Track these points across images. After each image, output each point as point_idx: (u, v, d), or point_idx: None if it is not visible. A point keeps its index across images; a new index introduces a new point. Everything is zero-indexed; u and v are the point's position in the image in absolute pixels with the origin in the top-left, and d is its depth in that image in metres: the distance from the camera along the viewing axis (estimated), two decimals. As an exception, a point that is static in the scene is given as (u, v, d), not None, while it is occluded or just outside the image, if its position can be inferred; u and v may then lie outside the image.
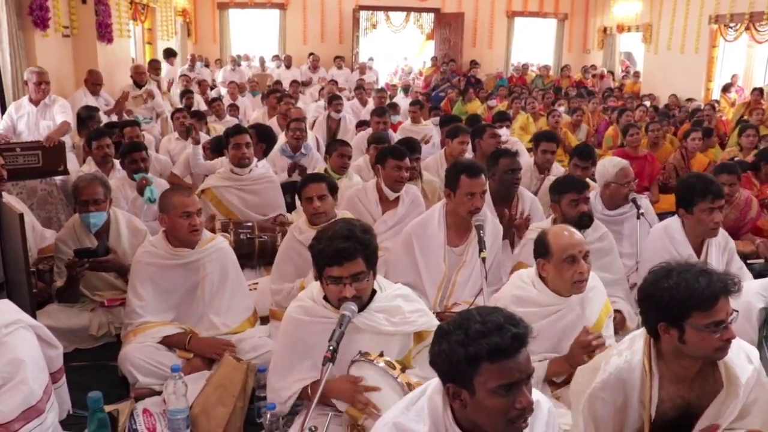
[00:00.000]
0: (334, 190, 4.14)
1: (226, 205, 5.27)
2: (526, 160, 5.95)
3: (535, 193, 5.25)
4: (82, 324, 4.08)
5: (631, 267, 4.40)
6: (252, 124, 6.54)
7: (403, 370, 2.57)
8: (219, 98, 10.00)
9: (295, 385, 2.86)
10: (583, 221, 4.00)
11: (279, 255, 4.22)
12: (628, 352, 2.41)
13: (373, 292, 2.83)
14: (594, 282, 3.19)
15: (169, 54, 13.50)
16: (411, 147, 5.47)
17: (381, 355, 2.60)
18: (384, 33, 19.43)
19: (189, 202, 3.65)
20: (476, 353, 1.82)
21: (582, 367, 2.61)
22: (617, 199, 4.66)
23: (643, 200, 4.91)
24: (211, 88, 13.34)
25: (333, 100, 9.08)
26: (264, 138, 5.95)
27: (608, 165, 4.70)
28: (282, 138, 6.99)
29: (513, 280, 3.32)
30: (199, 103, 10.52)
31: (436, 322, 2.77)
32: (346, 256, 2.64)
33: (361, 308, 2.74)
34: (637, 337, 2.45)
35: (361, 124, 8.61)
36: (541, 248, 3.10)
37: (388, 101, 10.56)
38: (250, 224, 5.06)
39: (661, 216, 5.09)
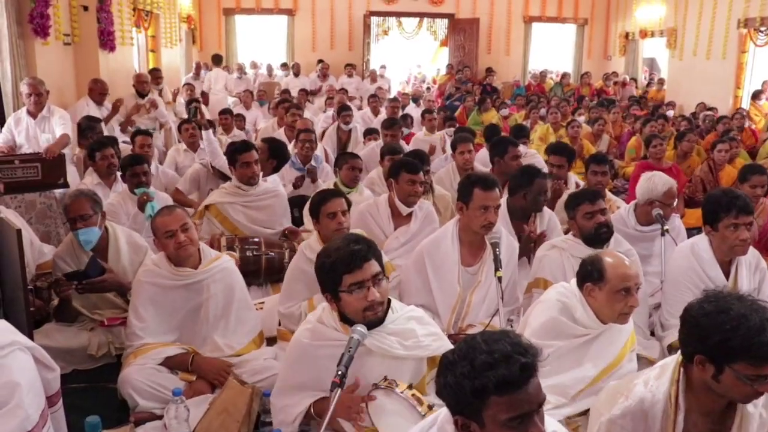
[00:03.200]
0: (349, 206, 4.17)
1: (231, 222, 5.26)
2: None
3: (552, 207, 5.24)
4: (81, 344, 4.08)
5: (657, 286, 4.38)
6: (265, 137, 6.46)
7: (430, 408, 2.54)
8: (229, 110, 10.03)
9: (304, 402, 2.86)
10: (601, 233, 3.94)
11: (288, 275, 4.19)
12: (654, 383, 2.39)
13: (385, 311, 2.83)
14: None
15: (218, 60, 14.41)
16: (420, 159, 5.46)
17: (410, 387, 2.59)
18: (396, 39, 19.49)
19: (169, 220, 3.66)
20: (483, 386, 1.79)
21: (606, 388, 2.61)
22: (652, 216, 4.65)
23: (675, 219, 4.88)
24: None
25: (342, 111, 9.12)
26: (276, 154, 5.86)
27: (658, 182, 4.64)
28: (290, 150, 7.01)
29: (557, 289, 3.31)
30: (204, 113, 10.53)
31: (451, 347, 2.75)
32: (363, 255, 2.69)
33: (372, 326, 2.74)
34: (667, 366, 2.42)
35: (369, 133, 8.61)
36: (594, 273, 3.06)
37: (401, 112, 10.58)
38: (257, 240, 5.06)
39: (688, 232, 5.06)
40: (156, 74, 10.60)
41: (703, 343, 2.21)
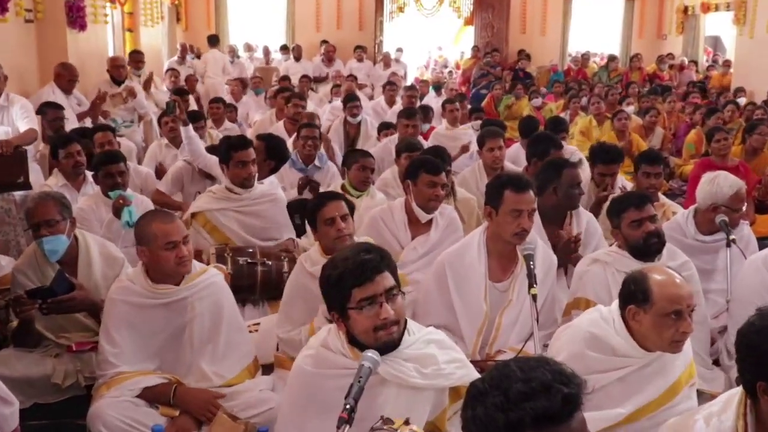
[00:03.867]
0: (351, 210, 4.17)
1: (222, 231, 5.26)
2: (588, 173, 5.88)
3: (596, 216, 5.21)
4: (44, 373, 4.06)
5: (722, 306, 4.34)
6: (261, 134, 6.42)
7: None
8: (220, 99, 10.04)
9: None
10: (651, 244, 3.91)
11: (286, 293, 4.20)
12: (716, 419, 2.36)
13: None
14: None
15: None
16: (440, 157, 5.45)
17: (407, 423, 2.58)
18: (413, 17, 19.51)
19: (172, 229, 3.64)
20: (519, 420, 1.75)
21: (662, 427, 2.59)
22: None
23: (744, 227, 4.84)
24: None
25: (348, 102, 9.14)
26: (274, 154, 5.81)
27: (723, 184, 4.59)
28: (288, 145, 6.99)
29: (591, 314, 3.28)
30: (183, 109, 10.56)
31: (477, 376, 2.74)
32: (375, 266, 2.68)
33: (386, 351, 2.73)
34: (732, 399, 2.39)
35: (385, 128, 8.63)
36: (638, 294, 3.01)
37: (419, 102, 10.57)
38: (251, 249, 5.08)
39: (760, 242, 5.01)
40: (137, 57, 10.61)
41: (761, 366, 2.20)
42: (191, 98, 11.05)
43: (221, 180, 5.61)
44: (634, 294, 3.02)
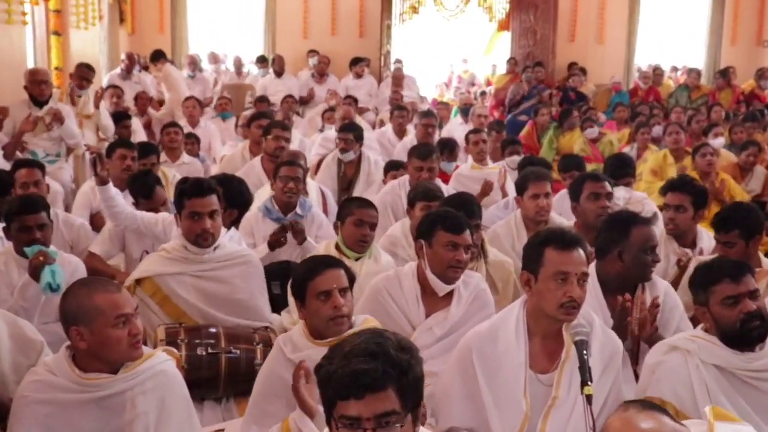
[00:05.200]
0: (352, 281, 4.16)
1: (175, 303, 5.21)
2: (660, 227, 5.87)
3: (675, 285, 5.18)
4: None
5: None
6: (216, 175, 6.37)
7: None
8: (176, 124, 10.06)
9: None
10: (751, 329, 3.83)
11: (258, 386, 4.19)
12: None
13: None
14: None
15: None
16: (466, 208, 5.43)
17: None
18: (431, 20, 19.65)
19: (121, 299, 3.63)
20: None
21: None
22: None
23: None
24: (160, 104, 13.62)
25: (343, 131, 9.10)
26: (235, 202, 5.85)
27: None
28: (267, 191, 6.95)
29: None
30: (136, 132, 10.60)
31: None
32: (368, 383, 2.60)
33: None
34: None
35: (393, 167, 8.62)
36: None
37: (438, 134, 10.57)
38: (213, 331, 5.03)
39: None
40: (84, 74, 10.56)
41: None
42: (138, 124, 11.12)
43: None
44: None
